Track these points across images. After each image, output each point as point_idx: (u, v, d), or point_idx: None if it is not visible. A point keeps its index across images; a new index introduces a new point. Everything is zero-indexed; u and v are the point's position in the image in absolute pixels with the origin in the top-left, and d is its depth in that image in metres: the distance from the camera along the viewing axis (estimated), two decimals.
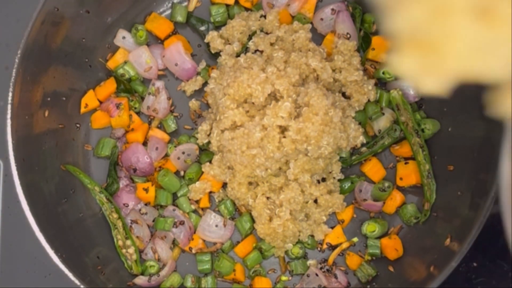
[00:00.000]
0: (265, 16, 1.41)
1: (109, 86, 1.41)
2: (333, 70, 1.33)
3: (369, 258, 1.35)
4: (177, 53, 1.40)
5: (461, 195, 1.24)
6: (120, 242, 1.34)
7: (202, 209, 1.35)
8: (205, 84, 1.39)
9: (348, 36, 1.38)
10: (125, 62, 1.41)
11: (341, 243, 1.36)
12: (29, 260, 1.41)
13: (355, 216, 1.37)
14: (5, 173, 1.44)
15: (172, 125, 1.40)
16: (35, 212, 1.19)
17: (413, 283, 1.23)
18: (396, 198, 1.35)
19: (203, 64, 1.41)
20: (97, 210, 1.37)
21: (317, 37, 1.41)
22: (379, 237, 1.35)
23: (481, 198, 1.14)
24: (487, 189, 1.14)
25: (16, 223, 1.42)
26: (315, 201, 1.32)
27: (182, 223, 1.34)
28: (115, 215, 1.35)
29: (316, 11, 1.43)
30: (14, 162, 1.19)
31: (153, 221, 1.37)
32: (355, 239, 1.35)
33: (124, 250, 1.34)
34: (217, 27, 1.43)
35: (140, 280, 1.32)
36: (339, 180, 1.34)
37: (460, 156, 1.28)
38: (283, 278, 1.35)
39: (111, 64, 1.42)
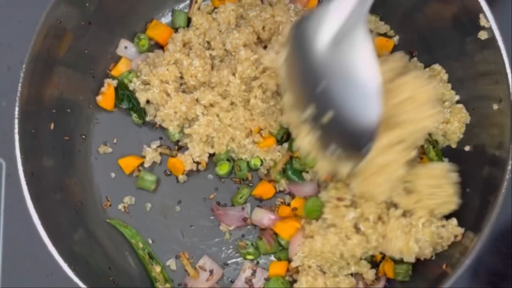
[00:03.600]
0: None
1: (113, 96, 1.41)
2: None
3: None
4: None
5: (470, 192, 1.24)
6: None
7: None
8: None
9: None
10: (130, 72, 1.40)
11: None
12: (31, 260, 1.41)
13: None
14: (7, 172, 1.44)
15: None
16: (47, 227, 1.19)
17: (427, 281, 1.23)
18: None
19: None
20: (104, 219, 1.38)
21: None
22: None
23: (491, 195, 1.15)
24: (496, 185, 1.15)
25: (18, 222, 1.42)
26: None
27: None
28: (157, 269, 1.35)
29: None
30: (23, 176, 1.19)
31: None
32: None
33: None
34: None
35: None
36: None
37: (470, 152, 1.29)
38: None
39: (114, 74, 1.42)
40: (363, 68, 0.98)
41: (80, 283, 1.17)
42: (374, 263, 1.30)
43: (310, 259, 1.28)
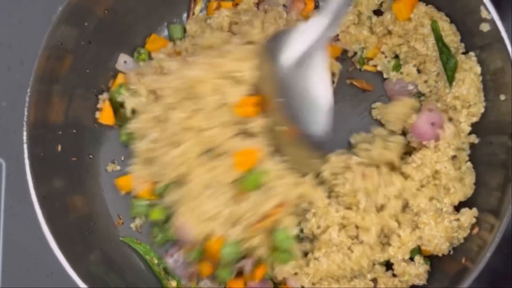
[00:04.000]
0: None
1: (111, 110, 1.39)
2: None
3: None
4: None
5: (486, 182, 1.24)
6: None
7: None
8: None
9: None
10: (121, 86, 1.38)
11: None
12: (31, 260, 1.41)
13: None
14: (7, 172, 1.44)
15: None
16: (64, 250, 1.18)
17: (447, 278, 1.23)
18: None
19: None
20: (117, 237, 1.37)
21: None
22: None
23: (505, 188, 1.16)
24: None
25: (18, 222, 1.42)
26: None
27: None
28: (173, 284, 1.35)
29: None
30: (37, 201, 1.19)
31: None
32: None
33: None
34: None
35: None
36: None
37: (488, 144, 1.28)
38: None
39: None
40: (319, 91, 1.10)
41: (80, 284, 1.17)
42: (389, 265, 1.29)
43: (318, 277, 1.26)
